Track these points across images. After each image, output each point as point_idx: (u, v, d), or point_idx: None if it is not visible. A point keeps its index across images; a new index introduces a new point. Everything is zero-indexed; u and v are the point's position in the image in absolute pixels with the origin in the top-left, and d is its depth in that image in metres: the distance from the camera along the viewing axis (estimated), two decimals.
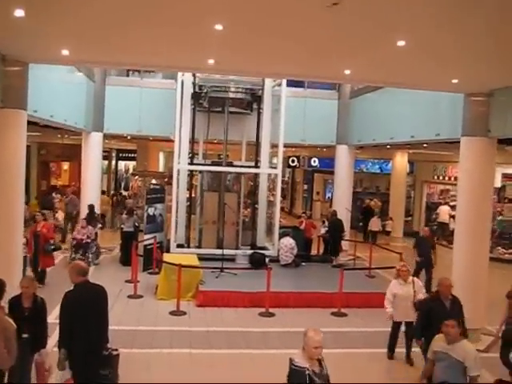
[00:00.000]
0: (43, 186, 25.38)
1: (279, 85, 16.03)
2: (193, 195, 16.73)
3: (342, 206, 17.82)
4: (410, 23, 5.89)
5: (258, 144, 16.40)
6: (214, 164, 16.60)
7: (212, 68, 9.10)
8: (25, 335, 6.16)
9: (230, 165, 16.33)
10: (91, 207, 16.15)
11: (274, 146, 16.13)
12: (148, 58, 8.66)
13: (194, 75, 15.45)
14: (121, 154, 41.14)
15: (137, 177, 24.05)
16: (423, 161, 24.88)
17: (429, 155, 22.93)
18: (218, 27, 6.27)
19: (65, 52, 8.06)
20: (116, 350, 6.46)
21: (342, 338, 10.02)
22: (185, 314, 10.93)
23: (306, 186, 32.41)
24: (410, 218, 26.02)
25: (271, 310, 11.24)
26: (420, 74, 8.82)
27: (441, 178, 23.88)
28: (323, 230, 17.09)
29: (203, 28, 6.47)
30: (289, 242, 14.50)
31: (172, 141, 15.50)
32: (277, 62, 8.53)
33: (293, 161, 29.81)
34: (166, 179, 21.12)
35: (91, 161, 17.74)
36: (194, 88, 15.61)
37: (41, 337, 6.44)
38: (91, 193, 17.75)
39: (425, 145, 17.48)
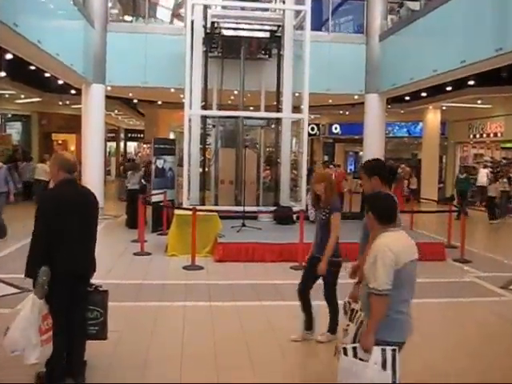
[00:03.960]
0: (46, 159, 23.59)
1: (301, 27, 14.20)
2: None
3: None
4: None
5: (278, 92, 14.52)
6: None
7: None
8: None
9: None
10: None
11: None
12: None
13: (205, 12, 13.55)
14: (129, 135, 39.47)
15: (146, 145, 22.17)
16: (456, 121, 22.84)
17: (464, 111, 20.90)
18: None
19: None
20: (101, 286, 4.67)
21: None
22: (201, 268, 9.07)
23: (326, 158, 30.47)
24: (441, 185, 24.00)
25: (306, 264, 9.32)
26: None
27: (478, 136, 21.78)
28: None
29: None
30: None
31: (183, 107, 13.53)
32: None
33: (312, 129, 27.84)
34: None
35: (93, 118, 15.88)
36: (206, 28, 13.70)
37: None
38: (93, 156, 15.97)
39: (471, 82, 15.44)
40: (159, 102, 22.80)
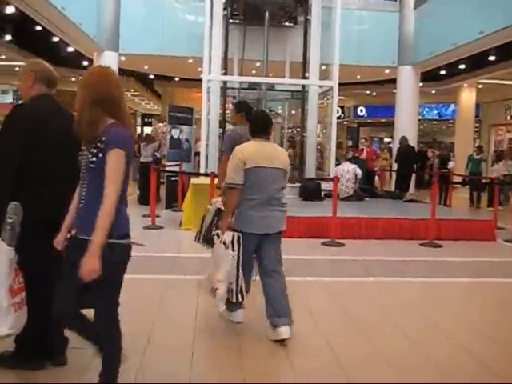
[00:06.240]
0: None
1: None
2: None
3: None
4: None
5: (304, 62, 13.36)
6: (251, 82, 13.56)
7: None
8: None
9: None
10: None
11: None
12: None
13: None
14: (146, 119, 38.50)
15: (161, 124, 21.01)
16: (492, 101, 21.44)
17: (501, 90, 19.49)
18: None
19: None
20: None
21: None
22: None
23: (350, 143, 29.27)
24: None
25: (338, 241, 8.18)
26: None
27: None
28: None
29: None
30: (350, 166, 11.34)
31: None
32: None
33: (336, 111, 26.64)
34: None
35: None
36: None
37: None
38: None
39: None
40: (176, 79, 21.74)
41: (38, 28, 12.37)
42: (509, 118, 20.84)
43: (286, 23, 13.93)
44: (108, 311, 2.80)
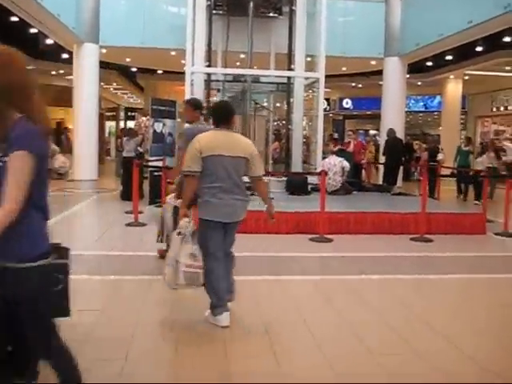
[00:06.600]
0: None
1: None
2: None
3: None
4: None
5: (290, 53, 13.06)
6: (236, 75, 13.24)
7: None
8: None
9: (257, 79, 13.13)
10: None
11: None
12: None
13: None
14: (129, 113, 37.98)
15: (144, 117, 20.60)
16: (477, 93, 21.34)
17: (487, 81, 19.39)
18: None
19: None
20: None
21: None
22: None
23: (336, 135, 29.11)
24: None
25: (327, 237, 7.96)
26: None
27: (502, 109, 20.28)
28: None
29: None
30: (337, 159, 11.13)
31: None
32: None
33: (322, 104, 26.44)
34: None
35: (86, 84, 14.51)
36: None
37: None
38: (87, 124, 14.62)
39: (507, 39, 13.92)
40: (159, 71, 21.37)
41: (15, 19, 11.94)
42: (494, 109, 20.78)
43: (271, 14, 13.59)
44: (44, 338, 2.41)
